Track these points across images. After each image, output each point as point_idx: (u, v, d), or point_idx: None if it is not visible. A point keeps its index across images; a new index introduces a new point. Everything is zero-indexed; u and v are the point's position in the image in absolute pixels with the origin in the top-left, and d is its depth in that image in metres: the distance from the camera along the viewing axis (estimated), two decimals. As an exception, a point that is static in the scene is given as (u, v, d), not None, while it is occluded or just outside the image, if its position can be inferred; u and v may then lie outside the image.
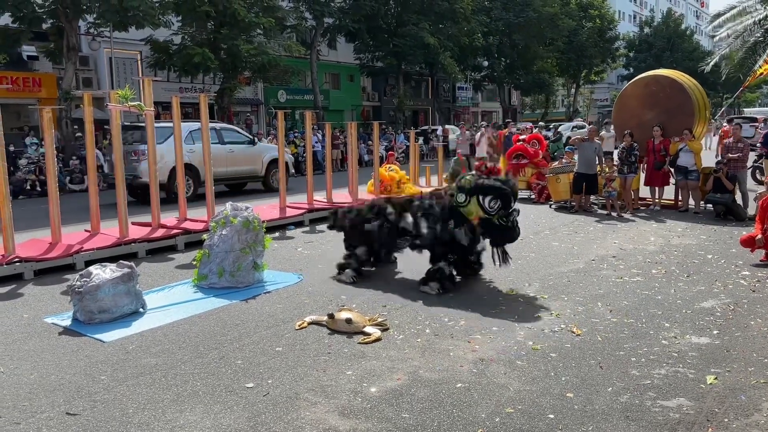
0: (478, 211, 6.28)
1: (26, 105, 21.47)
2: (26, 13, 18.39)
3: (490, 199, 6.20)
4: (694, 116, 11.41)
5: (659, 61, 50.09)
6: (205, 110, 9.43)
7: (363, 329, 5.03)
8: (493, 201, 6.20)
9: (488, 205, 6.21)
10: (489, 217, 6.26)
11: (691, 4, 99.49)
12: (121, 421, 3.64)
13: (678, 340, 4.85)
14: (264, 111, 33.36)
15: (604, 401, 3.81)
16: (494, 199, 6.20)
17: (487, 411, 3.70)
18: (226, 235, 6.55)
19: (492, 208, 6.21)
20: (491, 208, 6.21)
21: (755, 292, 6.18)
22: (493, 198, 6.20)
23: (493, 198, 6.20)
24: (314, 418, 3.65)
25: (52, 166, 7.98)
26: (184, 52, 21.85)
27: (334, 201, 11.65)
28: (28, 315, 5.77)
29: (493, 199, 6.20)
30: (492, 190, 6.22)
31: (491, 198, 6.20)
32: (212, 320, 5.50)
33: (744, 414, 3.64)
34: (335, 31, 32.67)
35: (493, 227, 6.31)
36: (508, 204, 6.23)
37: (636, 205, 11.67)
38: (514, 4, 41.18)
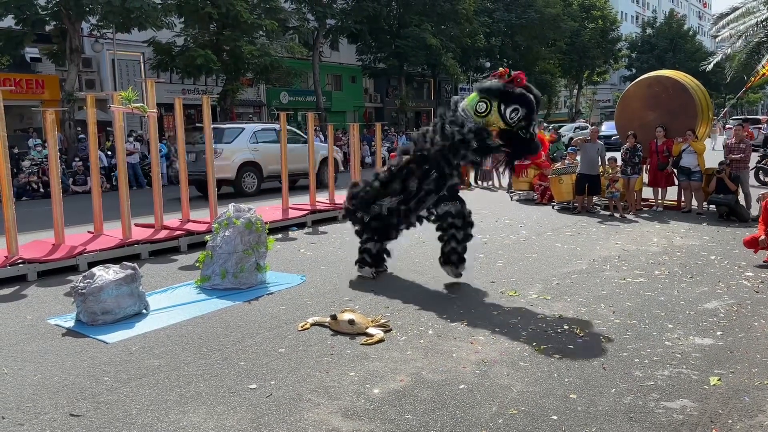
0: (499, 122, 5.89)
1: (29, 107, 21.49)
2: (29, 15, 18.44)
3: (512, 110, 5.79)
4: (696, 117, 11.39)
5: (662, 61, 50.05)
6: (208, 112, 9.44)
7: (366, 330, 5.03)
8: (515, 112, 5.80)
9: (509, 116, 5.81)
10: (509, 129, 5.86)
11: (694, 5, 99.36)
12: (125, 423, 3.64)
13: (681, 341, 4.84)
14: (266, 112, 33.38)
15: (607, 402, 3.80)
16: (516, 109, 5.79)
17: (490, 412, 3.70)
18: (229, 236, 6.56)
19: (513, 119, 5.83)
20: (512, 119, 5.82)
21: (759, 293, 6.17)
22: (515, 108, 5.78)
23: (515, 108, 5.79)
24: (317, 419, 3.65)
25: (55, 168, 8.00)
26: (187, 54, 21.88)
27: (336, 202, 11.65)
28: (32, 316, 5.78)
29: (515, 109, 5.79)
30: (516, 98, 5.79)
31: (513, 108, 5.79)
32: (215, 321, 5.50)
33: (748, 415, 3.63)
34: (337, 32, 32.67)
35: (513, 140, 5.91)
36: (531, 116, 5.85)
37: (639, 206, 11.65)
38: (517, 5, 41.16)
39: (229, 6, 21.30)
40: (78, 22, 19.56)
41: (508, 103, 5.78)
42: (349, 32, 32.89)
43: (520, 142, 5.94)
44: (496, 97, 5.84)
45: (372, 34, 33.71)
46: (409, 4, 33.69)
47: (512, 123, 5.83)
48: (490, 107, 5.86)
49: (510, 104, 5.77)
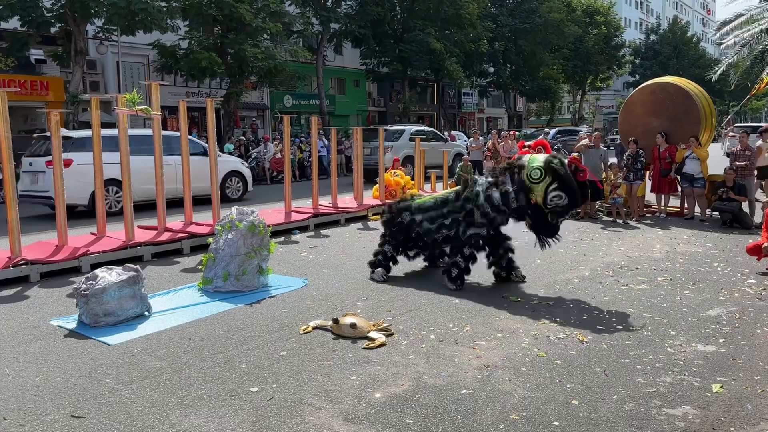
0: (540, 195, 5.99)
1: (34, 108, 21.55)
2: (34, 17, 18.50)
3: (556, 195, 5.90)
4: (700, 123, 11.39)
5: (665, 68, 50.09)
6: (212, 115, 9.46)
7: (367, 334, 5.03)
8: (558, 197, 5.90)
9: (550, 198, 5.93)
10: (542, 208, 6.02)
11: (698, 12, 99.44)
12: (126, 424, 3.64)
13: (684, 348, 4.83)
14: (270, 116, 33.45)
15: (609, 409, 3.79)
16: (560, 196, 5.89)
17: (491, 417, 3.69)
18: (232, 239, 6.57)
19: (552, 202, 5.94)
20: (551, 201, 5.94)
21: (761, 300, 6.15)
22: (559, 194, 5.89)
23: (559, 195, 5.89)
24: (318, 423, 3.65)
25: (59, 169, 8.01)
26: (191, 57, 21.94)
27: (338, 206, 11.67)
28: (34, 317, 5.79)
29: (558, 195, 5.89)
30: (565, 184, 5.88)
31: (557, 192, 5.89)
32: (217, 324, 5.51)
33: (750, 423, 3.62)
34: (341, 36, 32.77)
35: (540, 216, 6.11)
36: (571, 207, 6.04)
37: (642, 212, 11.64)
38: (520, 11, 41.26)
39: (233, 9, 21.36)
40: (83, 24, 19.63)
41: (558, 186, 5.90)
42: (353, 36, 32.98)
43: (544, 222, 6.15)
44: (551, 175, 5.95)
45: (376, 38, 33.80)
46: (413, 8, 33.78)
47: (549, 204, 5.99)
48: (542, 178, 5.97)
49: (558, 189, 5.90)
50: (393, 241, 7.12)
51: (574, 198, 5.95)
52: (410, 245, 7.21)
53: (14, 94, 21.72)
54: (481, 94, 48.21)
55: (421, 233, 6.93)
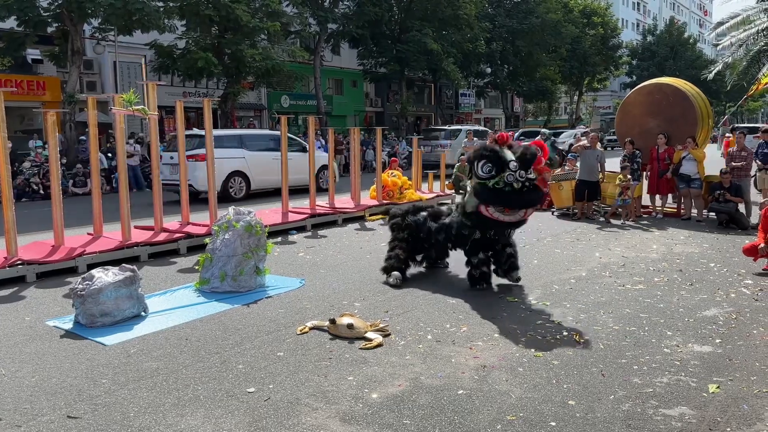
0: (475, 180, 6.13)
1: (30, 108, 21.50)
2: (31, 16, 18.45)
3: (482, 164, 6.01)
4: (696, 124, 11.42)
5: (662, 69, 50.16)
6: (209, 115, 9.44)
7: (364, 335, 5.03)
8: (486, 165, 5.98)
9: (481, 171, 6.02)
10: (483, 182, 6.00)
11: (695, 13, 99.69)
12: (122, 425, 3.64)
13: (680, 348, 4.83)
14: (267, 116, 33.41)
15: (605, 409, 3.79)
16: (486, 163, 5.98)
17: (488, 418, 3.69)
18: (229, 239, 6.56)
19: (485, 172, 5.99)
20: (484, 172, 5.99)
21: (758, 301, 6.17)
22: (485, 163, 5.99)
23: (485, 163, 5.99)
24: (315, 423, 3.64)
25: (55, 169, 8.00)
26: (188, 57, 21.92)
27: (336, 206, 11.67)
28: (30, 318, 5.77)
29: (485, 164, 5.99)
30: (482, 155, 6.04)
31: (483, 163, 6.00)
32: (214, 324, 5.50)
33: (746, 423, 3.63)
34: (339, 36, 32.73)
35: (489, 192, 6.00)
36: (501, 166, 5.92)
37: (639, 213, 11.66)
38: (518, 11, 41.28)
39: (230, 9, 21.35)
40: (80, 24, 19.58)
41: (478, 160, 6.08)
42: (350, 37, 32.94)
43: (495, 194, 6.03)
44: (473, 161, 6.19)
45: (373, 38, 33.78)
46: (410, 9, 33.77)
47: (484, 176, 6.01)
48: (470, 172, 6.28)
49: (481, 160, 6.04)
50: (403, 244, 7.08)
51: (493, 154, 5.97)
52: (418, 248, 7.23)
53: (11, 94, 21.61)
54: (478, 94, 48.25)
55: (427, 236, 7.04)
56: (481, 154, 6.05)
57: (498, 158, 5.95)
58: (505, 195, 5.96)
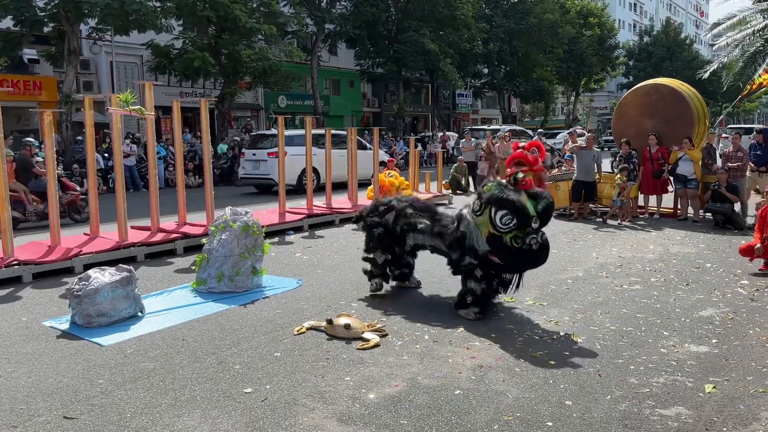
0: (488, 227, 5.37)
1: (27, 108, 21.44)
2: (28, 16, 18.42)
3: (503, 215, 5.26)
4: (693, 125, 11.44)
5: (658, 69, 50.24)
6: (206, 115, 9.44)
7: (362, 335, 5.03)
8: (507, 217, 5.25)
9: (500, 222, 5.27)
10: (499, 235, 5.30)
11: (691, 14, 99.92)
12: (119, 425, 3.63)
13: (677, 348, 4.84)
14: (264, 116, 33.38)
15: (602, 409, 3.80)
16: (508, 215, 5.24)
17: (485, 418, 3.69)
18: (226, 239, 6.55)
19: (505, 225, 5.26)
20: (503, 225, 5.26)
21: (754, 301, 6.18)
22: (507, 214, 5.24)
23: (506, 214, 5.24)
24: (312, 423, 3.64)
25: (52, 169, 7.98)
26: (185, 57, 21.89)
27: (333, 206, 11.66)
28: (27, 318, 5.76)
29: (506, 215, 5.24)
30: (505, 204, 5.26)
31: (504, 213, 5.25)
32: (211, 325, 5.49)
33: (742, 423, 3.64)
34: (336, 37, 32.74)
35: (503, 248, 5.31)
36: (525, 223, 5.24)
37: (635, 213, 11.68)
38: (515, 12, 41.33)
39: (227, 9, 21.32)
40: (76, 24, 19.55)
41: (498, 208, 5.30)
42: (347, 37, 32.96)
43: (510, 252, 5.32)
44: (491, 202, 5.39)
45: (370, 39, 33.79)
46: (407, 9, 33.80)
47: (502, 229, 5.29)
48: (482, 209, 5.45)
49: (501, 209, 5.28)
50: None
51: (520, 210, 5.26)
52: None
53: (7, 93, 21.67)
54: (475, 95, 48.29)
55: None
56: (504, 202, 5.29)
57: (522, 214, 5.26)
58: (520, 256, 5.32)
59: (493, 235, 5.37)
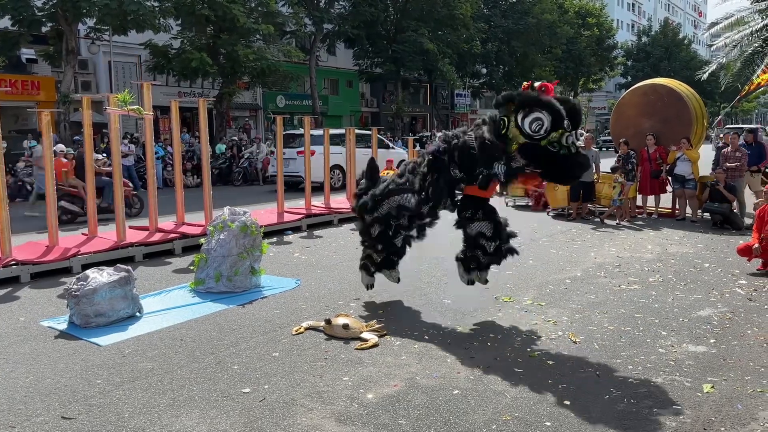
0: (518, 137, 4.70)
1: (25, 108, 21.41)
2: (26, 16, 18.37)
3: (532, 120, 4.65)
4: (691, 125, 11.45)
5: (656, 70, 50.28)
6: (204, 115, 9.42)
7: (360, 335, 5.03)
8: (536, 122, 4.64)
9: (530, 128, 4.66)
10: (534, 143, 4.67)
11: (689, 14, 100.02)
12: (117, 426, 3.63)
13: (675, 348, 4.85)
14: (262, 116, 33.36)
15: (600, 409, 3.80)
16: (538, 119, 4.64)
17: (483, 418, 3.69)
18: (224, 239, 6.55)
19: (535, 131, 4.66)
20: (534, 131, 4.66)
21: (752, 301, 6.19)
22: (537, 118, 4.64)
23: (536, 118, 4.65)
24: (310, 423, 3.64)
25: (49, 169, 7.97)
26: (183, 57, 21.86)
27: (331, 206, 11.66)
28: (24, 318, 5.75)
29: (536, 119, 4.65)
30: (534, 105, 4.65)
31: (534, 118, 4.65)
32: (209, 325, 5.49)
33: (740, 423, 3.64)
34: (334, 37, 32.72)
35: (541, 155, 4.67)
36: (559, 124, 4.64)
37: (633, 213, 11.69)
38: (513, 12, 41.34)
39: (225, 9, 21.30)
40: (74, 24, 19.51)
41: (527, 112, 4.70)
42: (346, 37, 32.93)
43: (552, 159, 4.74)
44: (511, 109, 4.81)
45: (369, 38, 33.77)
46: (406, 9, 33.79)
47: (535, 135, 4.68)
48: (507, 123, 4.78)
49: (530, 113, 4.68)
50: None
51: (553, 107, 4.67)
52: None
53: (5, 93, 21.62)
54: (473, 95, 48.27)
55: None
56: (528, 102, 4.69)
57: (556, 112, 4.61)
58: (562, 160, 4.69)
59: (525, 145, 4.73)
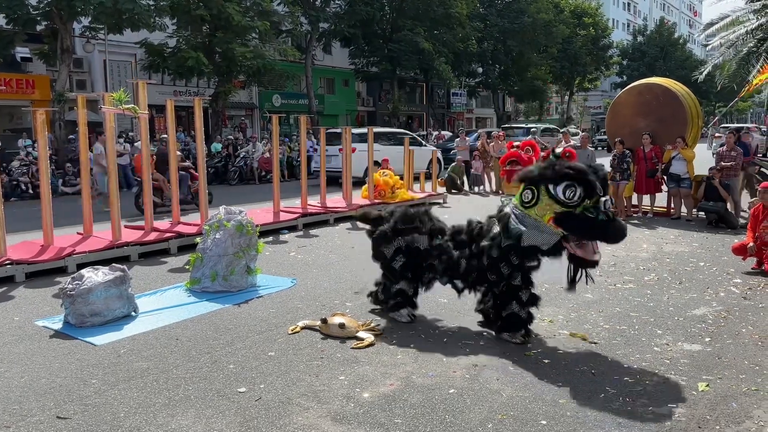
0: (553, 206, 4.68)
1: (19, 107, 21.35)
2: (20, 14, 18.30)
3: (565, 187, 4.62)
4: (687, 124, 11.48)
5: (652, 69, 50.39)
6: (200, 114, 9.41)
7: (356, 334, 5.02)
8: (570, 189, 4.61)
9: (563, 196, 4.63)
10: (569, 210, 4.63)
11: (684, 14, 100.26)
12: (112, 425, 3.62)
13: (670, 347, 4.86)
14: (258, 115, 33.33)
15: (596, 408, 3.81)
16: (570, 186, 4.60)
17: (479, 417, 3.70)
18: (220, 239, 6.53)
19: (569, 198, 4.62)
20: (568, 198, 4.62)
21: (747, 299, 6.21)
22: (569, 185, 4.61)
23: (568, 185, 4.61)
24: (306, 423, 3.64)
25: (45, 168, 7.95)
26: (179, 56, 21.82)
27: (327, 206, 11.65)
28: (19, 318, 5.73)
29: (568, 186, 4.61)
30: (565, 175, 4.62)
31: (566, 185, 4.61)
32: (204, 324, 5.48)
33: (735, 421, 3.66)
34: (330, 36, 32.71)
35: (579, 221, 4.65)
36: (591, 192, 4.61)
37: (629, 212, 11.72)
38: (509, 11, 41.39)
39: (221, 8, 21.26)
40: (69, 23, 19.44)
41: (557, 181, 4.67)
42: (342, 36, 32.93)
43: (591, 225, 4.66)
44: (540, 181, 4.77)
45: (365, 38, 33.78)
46: (402, 8, 33.80)
47: (570, 203, 4.63)
48: (537, 194, 4.75)
49: (560, 182, 4.65)
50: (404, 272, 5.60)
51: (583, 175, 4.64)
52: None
53: (-1, 92, 21.58)
54: (470, 94, 48.32)
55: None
56: (563, 173, 4.66)
57: (587, 182, 4.62)
58: (603, 225, 4.67)
59: (561, 214, 4.68)
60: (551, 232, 4.79)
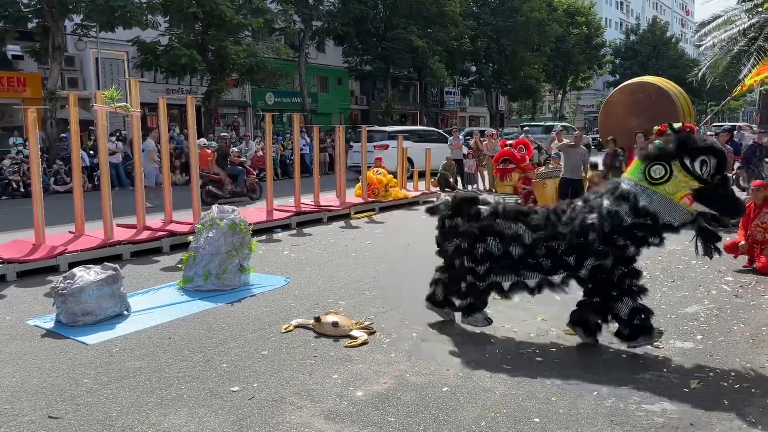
0: (690, 182, 4.49)
1: (10, 105, 21.22)
2: (11, 12, 18.17)
3: (702, 161, 4.45)
4: (679, 123, 11.52)
5: (644, 68, 50.60)
6: (192, 112, 9.38)
7: (350, 333, 5.02)
8: (704, 164, 4.45)
9: (700, 169, 4.45)
10: (705, 186, 4.47)
11: (677, 13, 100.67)
12: (105, 425, 3.60)
13: (662, 344, 4.88)
14: (251, 113, 33.23)
15: (588, 405, 3.82)
16: (704, 161, 4.45)
17: (472, 415, 3.70)
18: (212, 237, 6.52)
19: (705, 173, 4.46)
20: (703, 173, 4.45)
21: (738, 297, 6.24)
22: (703, 160, 4.45)
23: (703, 160, 4.45)
24: (300, 421, 3.63)
25: (36, 167, 7.90)
26: (171, 53, 21.73)
27: (321, 204, 11.64)
28: (10, 317, 5.70)
29: (703, 161, 4.45)
30: (701, 149, 4.47)
31: (701, 160, 4.45)
32: (197, 323, 5.46)
33: (727, 418, 3.67)
34: (324, 34, 32.65)
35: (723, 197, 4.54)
36: (723, 165, 4.52)
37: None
38: (503, 9, 41.45)
39: (213, 5, 21.18)
40: (61, 20, 19.33)
41: (693, 156, 4.50)
42: (335, 34, 32.89)
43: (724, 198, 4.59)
44: (675, 155, 4.56)
45: (358, 36, 33.74)
46: (395, 6, 33.76)
47: (707, 177, 4.50)
48: (669, 170, 4.55)
49: (696, 157, 4.49)
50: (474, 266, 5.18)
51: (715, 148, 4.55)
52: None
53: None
54: (463, 92, 48.37)
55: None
56: (701, 147, 4.50)
57: (721, 155, 4.51)
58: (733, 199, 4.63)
59: (703, 190, 4.51)
60: (683, 210, 4.63)
